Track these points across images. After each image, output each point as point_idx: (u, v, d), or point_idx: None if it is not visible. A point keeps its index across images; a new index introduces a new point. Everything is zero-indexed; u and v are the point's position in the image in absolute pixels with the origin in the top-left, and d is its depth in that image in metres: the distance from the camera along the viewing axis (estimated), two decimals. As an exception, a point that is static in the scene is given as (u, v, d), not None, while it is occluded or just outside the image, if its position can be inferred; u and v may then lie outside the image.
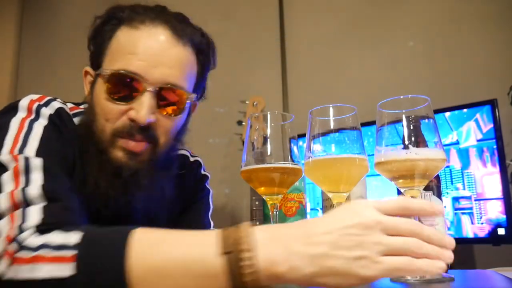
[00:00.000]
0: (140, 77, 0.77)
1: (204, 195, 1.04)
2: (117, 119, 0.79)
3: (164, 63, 0.80)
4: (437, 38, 1.95)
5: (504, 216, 1.38)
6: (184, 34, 0.84)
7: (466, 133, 1.49)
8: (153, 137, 0.81)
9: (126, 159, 0.79)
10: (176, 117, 0.83)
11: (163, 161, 0.84)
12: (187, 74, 0.84)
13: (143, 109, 0.76)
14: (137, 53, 0.79)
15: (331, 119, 0.64)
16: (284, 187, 0.68)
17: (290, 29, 2.32)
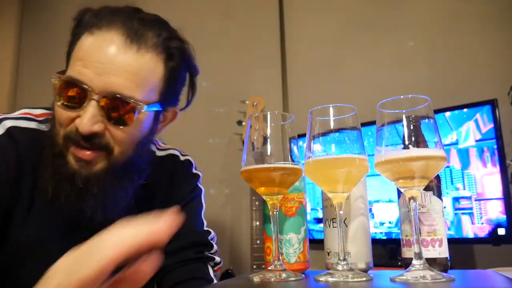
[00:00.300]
0: (85, 85, 0.76)
1: (197, 194, 1.03)
2: (67, 125, 0.79)
3: (110, 71, 0.76)
4: (437, 38, 1.95)
5: (504, 216, 1.38)
6: (141, 38, 0.79)
7: (465, 133, 1.49)
8: (103, 146, 0.79)
9: (78, 167, 0.78)
10: (125, 127, 0.79)
11: (122, 170, 0.82)
12: (139, 82, 0.78)
13: (85, 118, 0.75)
14: (84, 60, 0.77)
15: (331, 119, 0.64)
16: (284, 187, 0.68)
17: (290, 29, 2.31)
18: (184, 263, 0.90)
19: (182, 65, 0.87)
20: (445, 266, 0.68)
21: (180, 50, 0.86)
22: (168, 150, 1.03)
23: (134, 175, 0.86)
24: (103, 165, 0.80)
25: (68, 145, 0.79)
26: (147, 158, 0.89)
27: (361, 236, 0.71)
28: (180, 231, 0.93)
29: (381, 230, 1.61)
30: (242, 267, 2.11)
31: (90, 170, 0.79)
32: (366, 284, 0.56)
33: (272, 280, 0.63)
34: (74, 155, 0.79)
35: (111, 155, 0.80)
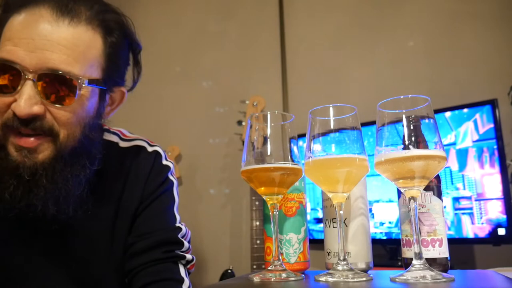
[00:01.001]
0: (17, 65, 0.70)
1: (167, 188, 0.94)
2: (3, 112, 0.72)
3: (43, 46, 0.70)
4: (437, 38, 1.95)
5: (504, 216, 1.38)
6: (72, 10, 0.73)
7: (465, 133, 1.49)
8: (47, 130, 0.73)
9: (21, 158, 0.72)
10: (69, 106, 0.73)
11: (71, 156, 0.76)
12: (76, 56, 0.73)
13: (22, 99, 0.69)
14: (12, 38, 0.71)
15: (331, 119, 0.64)
16: (284, 187, 0.68)
17: (290, 29, 2.32)
18: (152, 264, 0.84)
19: (122, 40, 0.82)
20: (445, 266, 0.68)
21: (118, 24, 0.81)
22: (133, 141, 0.96)
23: (85, 161, 0.79)
24: (49, 152, 0.74)
25: (7, 135, 0.72)
26: (97, 144, 0.83)
27: (361, 236, 0.71)
28: (148, 228, 0.89)
29: (381, 230, 1.61)
30: (242, 267, 2.11)
31: (35, 160, 0.73)
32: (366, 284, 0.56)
33: (272, 280, 0.63)
34: (14, 145, 0.72)
35: (57, 139, 0.74)
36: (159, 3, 2.67)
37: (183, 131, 2.46)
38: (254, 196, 1.83)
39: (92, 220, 0.84)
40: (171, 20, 2.60)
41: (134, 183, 0.91)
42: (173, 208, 0.94)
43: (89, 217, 0.82)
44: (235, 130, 2.13)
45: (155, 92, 2.46)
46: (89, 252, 0.86)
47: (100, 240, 0.87)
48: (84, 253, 0.85)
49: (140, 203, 0.90)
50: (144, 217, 0.90)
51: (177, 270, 0.86)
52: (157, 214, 0.91)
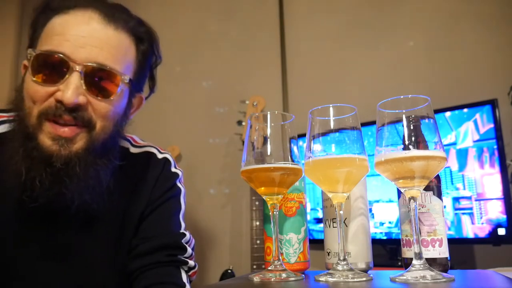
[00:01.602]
0: (66, 57, 0.75)
1: (174, 194, 0.96)
2: (43, 100, 0.75)
3: (92, 43, 0.77)
4: (437, 38, 1.95)
5: (505, 216, 1.38)
6: (117, 18, 0.81)
7: (465, 133, 1.49)
8: (86, 121, 0.77)
9: (57, 147, 0.75)
10: (109, 99, 0.79)
11: (101, 149, 0.80)
12: (119, 56, 0.80)
13: (70, 89, 0.74)
14: (64, 34, 0.76)
15: (331, 119, 0.64)
16: (284, 187, 0.68)
17: (290, 29, 2.32)
18: (154, 266, 0.85)
19: (150, 50, 0.90)
20: (445, 266, 0.68)
21: (148, 36, 0.89)
22: (144, 148, 0.99)
23: (112, 155, 0.84)
24: (83, 143, 0.77)
25: (43, 123, 0.75)
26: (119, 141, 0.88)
27: (361, 236, 0.71)
28: (153, 232, 0.91)
29: (381, 230, 1.61)
30: (242, 267, 2.11)
31: (70, 149, 0.76)
32: (366, 284, 0.56)
33: (272, 280, 0.63)
34: (50, 134, 0.75)
35: (93, 131, 0.78)
36: (159, 3, 2.67)
37: (183, 131, 2.46)
38: (254, 196, 1.83)
39: (103, 218, 0.86)
40: (171, 20, 2.60)
41: (142, 187, 0.93)
42: (179, 214, 0.95)
43: (100, 214, 0.84)
44: (235, 130, 2.13)
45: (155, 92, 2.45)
46: (97, 253, 0.87)
47: (108, 241, 0.88)
48: (92, 253, 0.86)
49: (147, 206, 0.92)
50: (150, 220, 0.92)
51: (179, 276, 0.87)
52: (162, 219, 0.93)
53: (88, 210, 0.81)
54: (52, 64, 0.75)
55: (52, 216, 0.81)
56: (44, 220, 0.81)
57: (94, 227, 0.86)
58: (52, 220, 0.82)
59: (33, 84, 0.76)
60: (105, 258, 0.88)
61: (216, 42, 2.49)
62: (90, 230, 0.85)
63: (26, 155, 0.75)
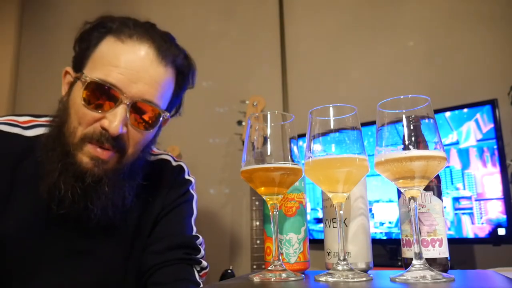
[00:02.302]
0: (118, 90, 0.81)
1: (187, 200, 1.02)
2: (89, 124, 0.82)
3: (144, 80, 0.83)
4: (437, 38, 1.95)
5: (505, 216, 1.38)
6: (168, 55, 0.87)
7: (466, 133, 1.49)
8: (121, 147, 0.83)
9: (92, 166, 0.81)
10: (146, 131, 0.87)
11: (129, 171, 0.87)
12: (163, 93, 0.87)
13: (117, 120, 0.80)
14: (119, 66, 0.82)
15: (331, 119, 0.64)
16: (284, 187, 0.68)
17: (290, 29, 2.32)
18: (170, 263, 0.91)
19: (187, 81, 0.96)
20: (445, 266, 0.68)
21: (189, 70, 0.96)
22: (160, 156, 1.05)
23: (137, 176, 0.90)
24: (114, 165, 0.84)
25: (84, 145, 0.81)
26: (144, 161, 0.94)
27: (361, 236, 0.71)
28: (168, 232, 0.95)
29: (381, 230, 1.61)
30: (242, 267, 2.11)
31: (103, 169, 0.82)
32: (366, 284, 0.56)
33: (272, 280, 0.63)
34: (89, 154, 0.81)
35: (124, 155, 0.85)
36: (159, 3, 2.67)
37: (183, 131, 2.46)
38: (254, 196, 1.83)
39: (120, 227, 0.91)
40: (171, 20, 2.60)
41: (157, 192, 0.98)
42: (191, 219, 1.01)
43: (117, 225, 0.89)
44: (235, 130, 2.13)
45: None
46: (113, 256, 0.91)
47: (122, 245, 0.93)
48: (109, 257, 0.91)
49: (162, 210, 0.98)
50: (164, 222, 0.97)
51: (194, 274, 0.93)
52: (176, 221, 0.99)
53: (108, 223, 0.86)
54: (103, 93, 0.81)
55: (74, 223, 0.86)
56: (66, 226, 0.86)
57: (111, 233, 0.91)
58: (73, 226, 0.87)
59: (82, 107, 0.82)
60: (119, 261, 0.92)
61: (216, 42, 2.49)
62: (107, 236, 0.90)
63: (62, 169, 0.81)
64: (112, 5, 2.69)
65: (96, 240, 0.90)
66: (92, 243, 0.90)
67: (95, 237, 0.89)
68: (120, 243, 0.92)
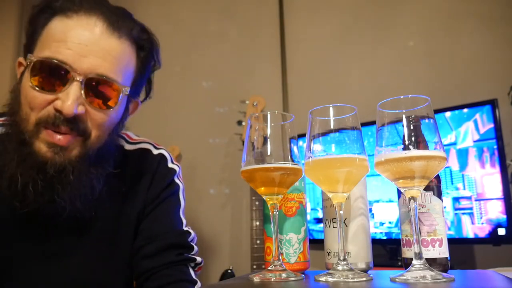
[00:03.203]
0: (67, 66, 0.73)
1: (173, 191, 0.95)
2: (42, 108, 0.75)
3: (95, 53, 0.75)
4: (437, 38, 1.95)
5: (505, 216, 1.38)
6: (121, 27, 0.80)
7: (465, 133, 1.49)
8: (82, 130, 0.76)
9: (52, 154, 0.75)
10: (108, 110, 0.79)
11: (95, 157, 0.80)
12: (121, 67, 0.79)
13: (69, 99, 0.73)
14: (66, 41, 0.74)
15: (331, 119, 0.64)
16: (284, 187, 0.68)
17: (290, 29, 2.32)
18: (165, 266, 0.87)
19: (151, 57, 0.88)
20: (445, 266, 0.68)
21: (149, 43, 0.87)
22: (139, 144, 0.97)
23: (106, 163, 0.83)
24: (78, 151, 0.77)
25: (40, 131, 0.75)
26: (114, 147, 0.87)
27: (361, 236, 0.71)
28: (158, 230, 0.91)
29: (381, 230, 1.61)
30: (242, 267, 2.11)
31: (65, 157, 0.75)
32: (366, 284, 0.56)
33: (272, 280, 0.62)
34: (46, 141, 0.75)
35: (88, 140, 0.78)
36: (159, 2, 2.67)
37: (183, 131, 2.46)
38: (254, 196, 1.83)
39: (95, 222, 0.85)
40: (171, 19, 2.60)
41: (138, 186, 0.92)
42: (179, 211, 0.95)
43: (93, 219, 0.84)
44: (235, 130, 2.13)
45: (155, 92, 2.45)
46: (91, 255, 0.87)
47: (103, 242, 0.88)
48: (87, 256, 0.86)
49: (145, 206, 0.92)
50: (150, 220, 0.91)
51: (189, 273, 0.89)
52: (164, 217, 0.93)
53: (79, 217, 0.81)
54: (52, 72, 0.74)
55: (44, 220, 0.80)
56: (36, 224, 0.81)
57: (86, 230, 0.85)
58: (44, 224, 0.82)
59: (31, 90, 0.75)
60: (98, 260, 0.87)
61: (216, 42, 2.49)
62: (82, 233, 0.85)
63: (20, 160, 0.75)
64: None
65: (69, 239, 0.85)
66: (64, 243, 0.84)
67: (67, 237, 0.84)
68: (96, 241, 0.87)
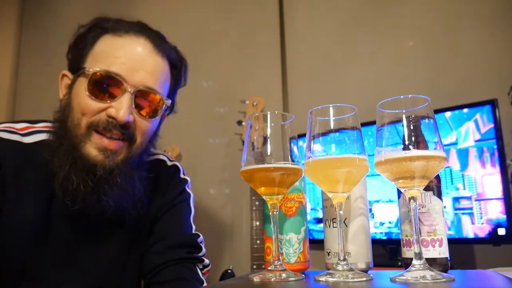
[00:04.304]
0: (121, 78, 0.83)
1: (184, 198, 1.04)
2: (94, 114, 0.83)
3: (144, 68, 0.86)
4: (437, 38, 1.95)
5: (505, 216, 1.38)
6: (162, 48, 0.91)
7: (465, 133, 1.49)
8: (130, 136, 0.85)
9: (102, 158, 0.82)
10: (151, 119, 0.89)
11: (137, 162, 0.89)
12: (163, 82, 0.90)
13: (123, 107, 0.82)
14: (120, 57, 0.84)
15: (331, 119, 0.64)
16: (284, 187, 0.68)
17: (290, 28, 2.31)
18: (174, 262, 0.91)
19: (181, 76, 0.99)
20: (445, 266, 0.68)
21: (181, 63, 0.98)
22: (155, 155, 1.06)
23: (143, 168, 0.92)
24: (124, 155, 0.85)
25: (91, 134, 0.82)
26: (148, 154, 0.96)
27: (361, 236, 0.71)
28: (168, 231, 0.96)
29: (381, 230, 1.61)
30: (242, 267, 2.11)
31: (114, 160, 0.83)
32: (366, 284, 0.56)
33: (272, 280, 0.63)
34: (96, 145, 0.82)
35: (133, 145, 0.86)
36: (159, 2, 2.67)
37: (183, 131, 2.46)
38: (254, 196, 1.83)
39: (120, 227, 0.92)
40: (171, 19, 2.60)
41: (154, 192, 0.99)
42: (190, 217, 1.02)
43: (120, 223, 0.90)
44: (235, 130, 2.13)
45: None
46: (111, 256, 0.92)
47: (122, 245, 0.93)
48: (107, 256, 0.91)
49: (159, 210, 0.99)
50: (163, 221, 0.98)
51: (197, 272, 0.95)
52: (175, 220, 1.00)
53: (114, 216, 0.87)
54: (107, 83, 0.83)
55: (81, 221, 0.87)
56: (77, 218, 0.87)
57: (113, 231, 0.92)
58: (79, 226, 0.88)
59: (87, 98, 0.83)
60: (119, 260, 0.93)
61: (216, 42, 2.49)
62: (110, 234, 0.91)
63: (72, 162, 0.82)
64: (112, 5, 2.69)
65: (98, 240, 0.90)
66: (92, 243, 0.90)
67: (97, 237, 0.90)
68: (120, 242, 0.93)
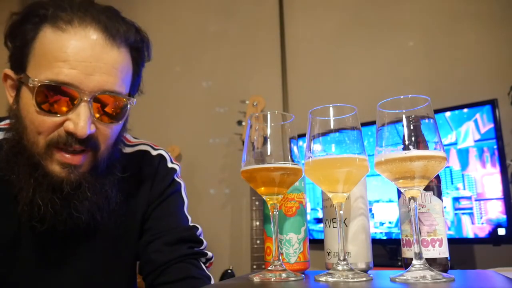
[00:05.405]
0: (74, 87, 0.72)
1: (175, 190, 0.95)
2: (51, 131, 0.74)
3: (99, 69, 0.73)
4: (437, 38, 1.95)
5: (505, 216, 1.38)
6: (118, 34, 0.77)
7: (465, 133, 1.49)
8: (94, 146, 0.77)
9: (66, 173, 0.75)
10: (115, 123, 0.79)
11: (106, 165, 0.81)
12: (124, 79, 0.78)
13: (81, 121, 0.72)
14: (68, 60, 0.71)
15: (331, 119, 0.64)
16: (284, 187, 0.68)
17: (290, 29, 2.32)
18: (177, 260, 0.86)
19: (143, 56, 0.86)
20: (445, 266, 0.68)
21: (141, 42, 0.84)
22: (137, 146, 0.97)
23: (114, 169, 0.84)
24: (89, 165, 0.78)
25: (52, 152, 0.74)
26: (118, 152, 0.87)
27: (361, 236, 0.71)
28: (164, 227, 0.91)
29: (381, 230, 1.61)
30: (242, 267, 2.11)
31: (79, 174, 0.76)
32: (366, 284, 0.56)
33: (272, 280, 0.62)
34: (59, 162, 0.74)
35: (97, 153, 0.78)
36: (159, 2, 2.67)
37: (183, 131, 2.46)
38: (254, 196, 1.83)
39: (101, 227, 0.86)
40: (171, 19, 2.60)
41: (139, 188, 0.92)
42: (183, 209, 0.96)
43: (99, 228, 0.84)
44: (235, 130, 2.13)
45: (155, 92, 2.45)
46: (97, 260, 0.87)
47: (108, 246, 0.88)
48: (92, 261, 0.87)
49: (148, 206, 0.92)
50: (156, 218, 0.92)
51: (202, 268, 0.89)
52: (169, 214, 0.93)
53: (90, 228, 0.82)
54: (59, 95, 0.72)
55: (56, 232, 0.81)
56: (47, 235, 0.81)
57: (93, 237, 0.86)
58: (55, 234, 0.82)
59: (37, 115, 0.73)
60: (104, 263, 0.88)
61: (216, 42, 2.49)
62: (88, 239, 0.86)
63: (36, 184, 0.75)
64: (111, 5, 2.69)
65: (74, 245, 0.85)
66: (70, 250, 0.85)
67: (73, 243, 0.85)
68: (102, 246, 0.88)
